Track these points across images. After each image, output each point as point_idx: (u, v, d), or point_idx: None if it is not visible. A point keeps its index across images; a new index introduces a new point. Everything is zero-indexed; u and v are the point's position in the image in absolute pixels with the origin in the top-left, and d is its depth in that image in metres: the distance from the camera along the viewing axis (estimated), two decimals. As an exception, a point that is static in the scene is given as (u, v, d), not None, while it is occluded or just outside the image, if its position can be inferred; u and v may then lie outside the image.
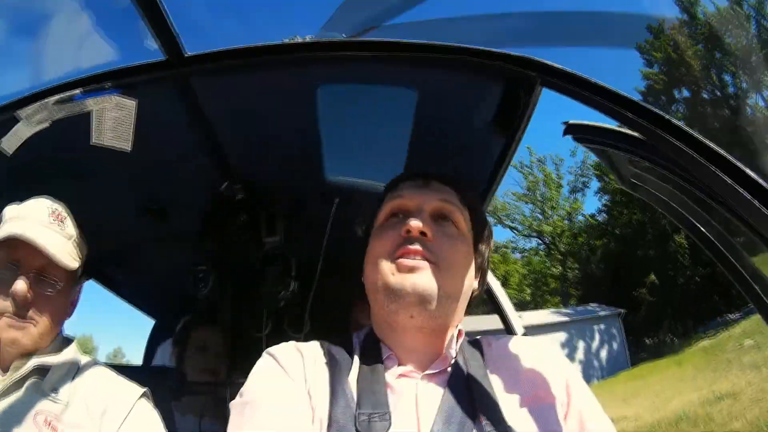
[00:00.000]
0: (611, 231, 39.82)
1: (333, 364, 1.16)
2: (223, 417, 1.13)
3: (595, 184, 42.63)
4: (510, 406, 1.09)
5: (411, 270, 1.13)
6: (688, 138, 1.19)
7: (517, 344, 1.27)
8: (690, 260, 32.70)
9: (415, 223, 1.16)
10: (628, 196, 35.40)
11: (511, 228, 44.89)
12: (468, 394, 1.09)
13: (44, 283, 1.51)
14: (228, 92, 1.79)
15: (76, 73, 1.63)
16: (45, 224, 1.54)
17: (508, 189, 43.28)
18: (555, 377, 1.16)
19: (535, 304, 42.50)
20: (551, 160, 43.78)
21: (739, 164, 1.13)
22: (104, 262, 2.72)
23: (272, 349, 1.21)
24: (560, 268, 43.53)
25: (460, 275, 1.21)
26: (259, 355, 1.21)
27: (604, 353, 30.73)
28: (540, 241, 45.25)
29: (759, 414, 10.95)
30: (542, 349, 1.25)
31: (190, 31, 1.51)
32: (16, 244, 1.47)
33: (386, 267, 1.17)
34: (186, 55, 1.53)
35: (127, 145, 1.65)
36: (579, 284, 42.58)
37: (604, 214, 41.91)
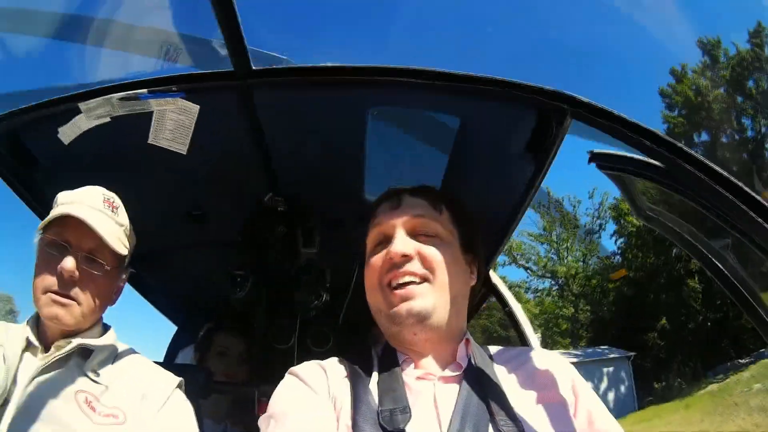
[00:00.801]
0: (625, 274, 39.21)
1: (354, 376, 1.24)
2: (250, 422, 1.20)
3: (611, 227, 42.32)
4: (521, 405, 1.17)
5: (404, 299, 1.23)
6: (705, 167, 1.30)
7: (526, 352, 1.36)
8: (702, 305, 32.21)
9: (395, 251, 1.26)
10: (642, 239, 35.08)
11: (525, 268, 44.39)
12: (482, 394, 1.17)
13: (92, 264, 1.54)
14: (283, 108, 1.84)
15: (141, 75, 1.70)
16: (98, 209, 1.57)
17: (524, 229, 42.77)
18: (562, 380, 1.26)
19: (546, 344, 41.74)
20: (569, 201, 43.49)
21: (753, 194, 1.23)
22: (139, 262, 2.75)
23: (294, 369, 1.29)
24: (572, 309, 42.85)
25: (452, 280, 1.29)
26: (288, 363, 1.31)
27: (611, 395, 30.29)
28: (553, 282, 44.69)
29: (764, 454, 10.99)
30: (548, 356, 1.35)
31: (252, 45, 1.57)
32: (67, 225, 1.51)
33: (382, 297, 1.29)
34: (253, 69, 1.59)
35: (183, 149, 1.73)
36: (590, 326, 41.86)
37: (618, 257, 41.50)
